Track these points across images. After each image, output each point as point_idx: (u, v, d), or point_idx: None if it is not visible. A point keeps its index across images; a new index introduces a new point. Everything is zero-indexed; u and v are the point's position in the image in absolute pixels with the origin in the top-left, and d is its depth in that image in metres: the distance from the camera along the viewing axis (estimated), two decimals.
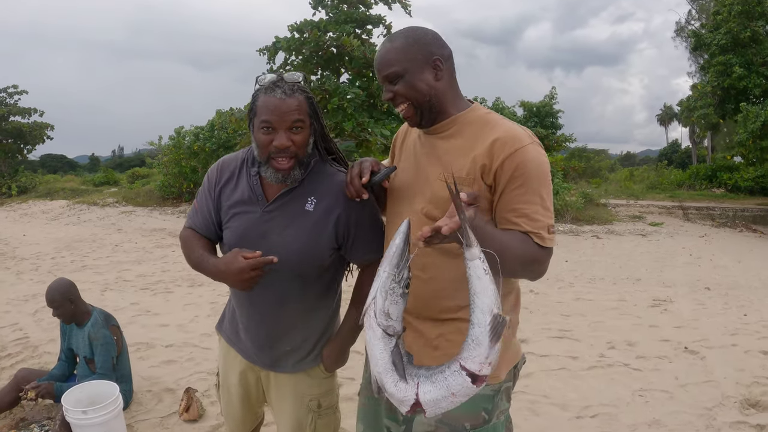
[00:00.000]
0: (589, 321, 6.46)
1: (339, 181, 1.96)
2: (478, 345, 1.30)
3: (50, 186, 25.56)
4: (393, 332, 1.40)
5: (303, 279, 1.96)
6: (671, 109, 55.17)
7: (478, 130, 1.74)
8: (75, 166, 59.09)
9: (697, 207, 18.88)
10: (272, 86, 1.83)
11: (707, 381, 4.62)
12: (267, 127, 1.80)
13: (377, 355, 1.41)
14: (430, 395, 1.37)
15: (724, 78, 19.68)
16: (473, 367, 1.32)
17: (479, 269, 1.32)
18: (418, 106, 1.76)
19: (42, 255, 11.03)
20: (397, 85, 1.75)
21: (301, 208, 1.92)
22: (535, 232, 1.62)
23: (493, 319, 1.29)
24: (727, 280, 9.16)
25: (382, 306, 1.40)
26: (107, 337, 3.92)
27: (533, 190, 1.64)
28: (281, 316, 2.01)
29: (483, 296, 1.31)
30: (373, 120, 15.70)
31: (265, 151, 1.84)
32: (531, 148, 1.67)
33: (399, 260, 1.41)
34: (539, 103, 23.73)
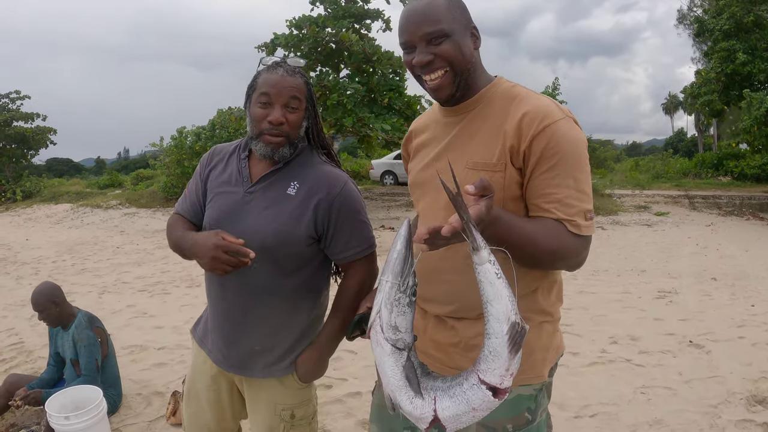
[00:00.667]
0: (592, 315, 6.34)
1: (325, 170, 1.95)
2: (497, 357, 1.19)
3: (55, 190, 25.57)
4: (403, 345, 1.29)
5: (277, 267, 1.89)
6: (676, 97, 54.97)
7: (506, 105, 1.58)
8: (81, 170, 59.43)
9: (704, 196, 18.68)
10: (275, 65, 1.88)
11: (712, 376, 4.49)
12: (264, 102, 1.83)
13: (388, 372, 1.30)
14: (449, 411, 1.26)
15: (728, 64, 19.51)
16: (493, 380, 1.21)
17: (490, 274, 1.19)
18: (458, 74, 1.57)
19: (43, 259, 11.01)
20: (442, 45, 1.53)
21: (283, 191, 1.90)
22: (569, 219, 1.46)
23: (511, 328, 1.17)
24: (734, 270, 9.01)
25: (389, 319, 1.28)
26: (91, 338, 3.89)
27: (566, 172, 1.47)
28: (252, 307, 1.92)
29: (497, 303, 1.18)
30: (374, 115, 15.62)
31: (258, 125, 1.85)
32: (563, 123, 1.50)
33: (402, 267, 1.28)
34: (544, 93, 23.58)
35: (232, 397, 2.13)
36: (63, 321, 3.96)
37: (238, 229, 1.85)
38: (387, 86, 16.13)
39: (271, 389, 2.01)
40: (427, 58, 1.55)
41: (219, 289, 1.97)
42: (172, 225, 2.03)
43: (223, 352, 2.00)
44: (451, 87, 1.59)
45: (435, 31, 1.53)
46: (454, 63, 1.55)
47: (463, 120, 1.66)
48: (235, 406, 2.15)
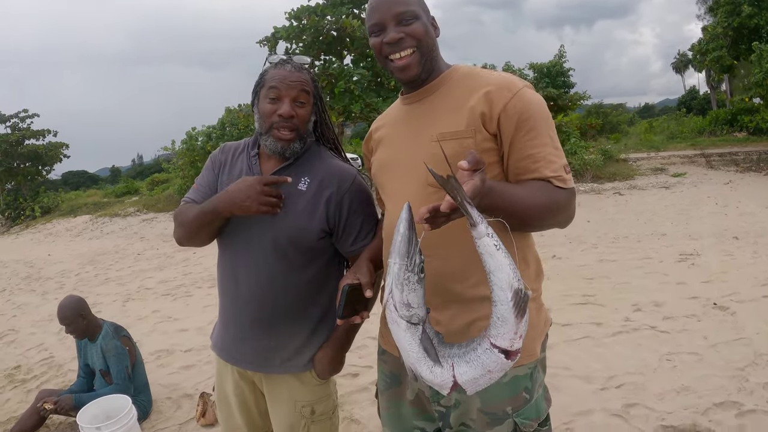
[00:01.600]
0: (614, 283, 6.31)
1: (334, 165, 1.97)
2: (505, 322, 1.25)
3: (73, 203, 25.87)
4: (418, 320, 1.34)
5: (290, 262, 1.91)
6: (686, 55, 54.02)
7: (469, 82, 1.67)
8: (97, 180, 59.94)
9: (720, 153, 18.43)
10: (282, 62, 1.92)
11: (738, 339, 4.44)
12: (274, 96, 1.85)
13: (407, 347, 1.36)
14: (467, 375, 1.33)
15: (734, 17, 19.13)
16: (504, 344, 1.28)
17: (489, 246, 1.25)
18: (424, 54, 1.67)
19: (66, 272, 11.16)
20: (412, 25, 1.64)
21: (294, 187, 1.91)
22: (555, 175, 1.55)
23: (515, 295, 1.24)
24: (755, 228, 8.90)
25: (401, 298, 1.33)
26: (118, 347, 3.96)
27: (542, 132, 1.58)
28: (266, 302, 1.94)
29: (499, 273, 1.24)
30: (382, 99, 15.55)
31: (268, 120, 1.87)
32: (527, 90, 1.61)
33: (408, 248, 1.33)
34: (549, 63, 23.37)
35: (257, 398, 2.15)
36: (90, 333, 4.03)
37: (251, 224, 1.89)
38: None
39: (289, 386, 2.03)
40: (399, 35, 1.64)
41: (233, 285, 1.98)
42: (184, 210, 2.01)
43: (239, 349, 2.02)
44: (417, 67, 1.67)
45: (406, 12, 1.64)
46: (422, 42, 1.66)
47: (425, 102, 1.73)
48: (260, 407, 2.17)
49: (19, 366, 5.65)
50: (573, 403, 3.63)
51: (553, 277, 6.66)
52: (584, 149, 17.31)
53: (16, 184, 27.56)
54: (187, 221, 1.95)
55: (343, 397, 3.97)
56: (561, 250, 7.72)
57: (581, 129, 20.48)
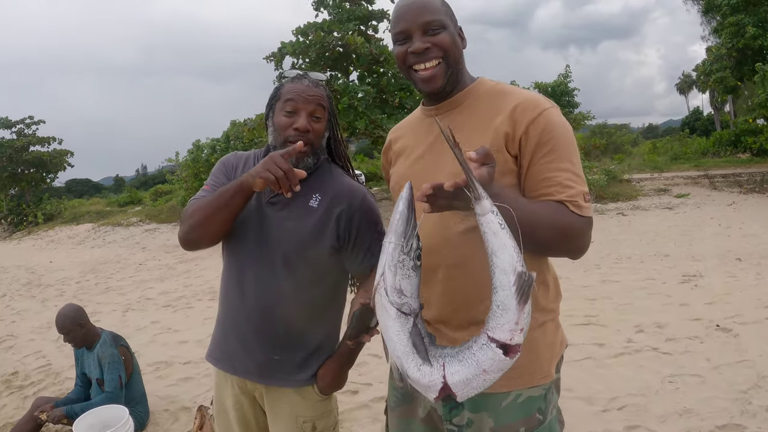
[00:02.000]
0: (616, 304, 6.28)
1: (345, 182, 1.97)
2: (505, 310, 1.16)
3: (76, 211, 25.93)
4: (409, 310, 1.26)
5: (299, 277, 1.90)
6: (690, 76, 54.18)
7: (494, 99, 1.62)
8: (100, 189, 60.16)
9: (723, 174, 18.37)
10: (299, 77, 1.92)
11: (741, 361, 4.41)
12: (291, 110, 1.84)
13: (394, 337, 1.27)
14: (458, 376, 1.22)
15: (738, 39, 19.18)
16: (503, 336, 1.17)
17: (493, 224, 1.18)
18: (450, 65, 1.61)
19: (67, 280, 11.16)
20: (439, 35, 1.58)
21: (305, 204, 1.91)
22: (571, 200, 1.47)
23: (518, 279, 1.15)
24: (758, 249, 8.86)
25: (393, 282, 1.25)
26: (114, 355, 3.95)
27: (563, 156, 1.51)
28: (272, 316, 1.92)
29: (502, 254, 1.16)
30: (386, 116, 15.60)
31: (283, 133, 1.85)
32: (553, 110, 1.56)
33: (405, 228, 1.26)
34: (554, 83, 23.44)
35: (256, 413, 2.12)
36: (88, 342, 4.02)
37: (261, 238, 1.88)
38: (397, 86, 16.10)
39: (291, 401, 2.01)
40: (425, 46, 1.59)
41: (238, 297, 1.96)
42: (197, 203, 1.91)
43: (242, 360, 2.00)
44: (443, 78, 1.62)
45: (434, 21, 1.59)
46: (449, 54, 1.60)
47: (448, 116, 1.67)
48: (260, 422, 2.14)
49: (17, 372, 5.64)
50: (575, 425, 3.59)
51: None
52: (588, 169, 17.30)
53: (20, 190, 27.69)
54: (202, 206, 1.86)
55: (343, 414, 3.94)
56: (564, 270, 7.67)
57: (585, 149, 20.49)
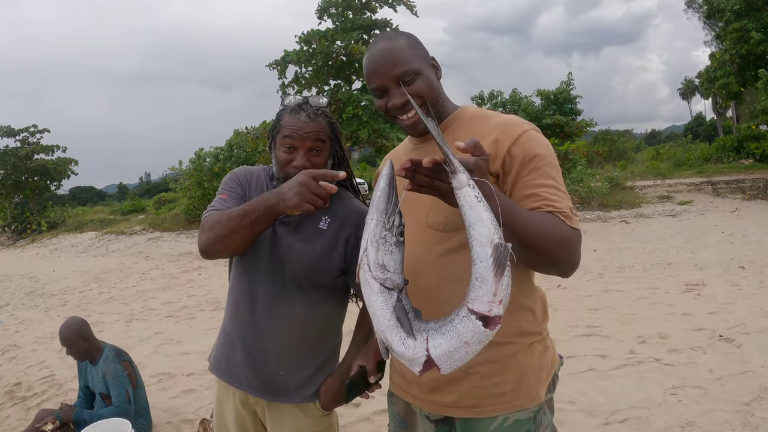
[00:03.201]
0: (619, 314, 6.26)
1: (353, 205, 2.02)
2: (483, 282, 1.17)
3: (79, 219, 25.97)
4: (392, 285, 1.28)
5: (307, 298, 1.94)
6: (692, 82, 54.17)
7: (477, 123, 1.66)
8: (104, 197, 60.31)
9: (726, 181, 18.37)
10: (297, 108, 1.89)
11: (744, 372, 4.39)
12: (289, 146, 1.86)
13: (378, 312, 1.29)
14: (441, 348, 1.23)
15: (742, 45, 19.18)
16: (482, 308, 1.18)
17: (470, 197, 1.19)
18: (432, 107, 1.63)
19: (70, 290, 11.17)
20: (415, 83, 1.60)
21: (315, 226, 1.95)
22: (560, 212, 1.48)
23: (495, 250, 1.16)
24: (761, 256, 8.83)
25: (376, 258, 1.27)
26: (119, 370, 3.95)
27: (546, 173, 1.53)
28: (281, 334, 1.96)
29: (479, 226, 1.18)
30: (389, 125, 15.63)
31: (284, 169, 1.88)
32: (533, 131, 1.60)
33: (386, 204, 1.28)
34: (556, 90, 23.45)
35: (257, 428, 2.14)
36: (91, 356, 4.02)
37: (270, 259, 1.91)
38: None
39: (293, 417, 2.03)
40: (402, 100, 1.60)
41: (247, 314, 1.99)
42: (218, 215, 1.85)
43: (246, 375, 2.02)
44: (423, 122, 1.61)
45: (406, 72, 1.60)
46: (427, 98, 1.62)
47: (431, 143, 1.72)
48: None
49: (20, 383, 5.65)
50: None
51: (560, 308, 6.62)
52: (591, 177, 17.27)
53: (24, 198, 27.73)
54: (223, 220, 1.80)
55: (345, 428, 3.94)
56: (566, 280, 7.65)
57: (588, 156, 20.44)
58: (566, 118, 22.25)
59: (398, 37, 1.65)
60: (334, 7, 17.05)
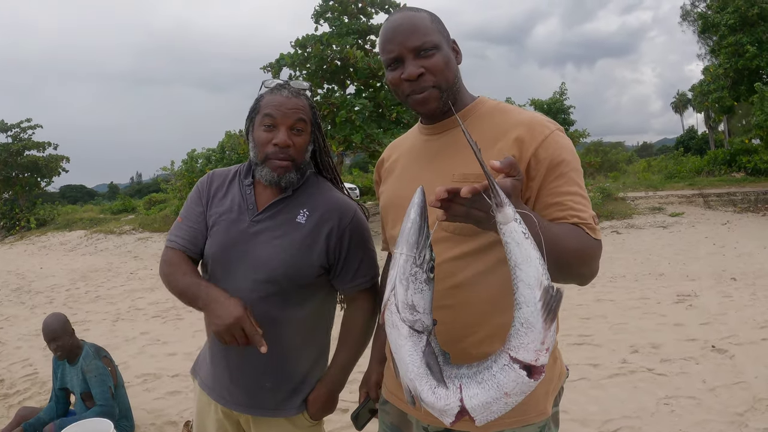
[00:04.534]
0: (611, 323, 6.22)
1: (334, 197, 1.90)
2: (530, 328, 1.06)
3: (69, 217, 25.74)
4: (422, 327, 1.17)
5: (286, 299, 1.81)
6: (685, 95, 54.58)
7: (496, 119, 1.54)
8: (94, 195, 59.98)
9: (718, 193, 18.41)
10: (278, 87, 1.82)
11: (737, 383, 4.36)
12: (269, 124, 1.76)
13: (406, 358, 1.17)
14: (477, 399, 1.12)
15: (737, 59, 19.27)
16: (527, 357, 1.07)
17: (517, 233, 1.07)
18: (445, 89, 1.52)
19: (57, 287, 11.05)
20: (434, 58, 1.49)
21: (292, 220, 1.83)
22: (585, 223, 1.42)
23: (544, 293, 1.05)
24: (753, 268, 8.84)
25: (405, 297, 1.16)
26: (100, 367, 3.84)
27: (572, 179, 1.45)
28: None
29: (526, 266, 1.06)
30: (382, 130, 15.59)
31: (263, 149, 1.78)
32: (559, 133, 1.50)
33: (417, 237, 1.17)
34: (550, 100, 23.50)
35: None
36: (72, 353, 3.90)
37: (246, 259, 1.79)
38: (394, 101, 16.07)
39: (280, 429, 1.93)
40: (418, 71, 1.49)
41: None
42: (174, 264, 1.84)
43: (229, 389, 1.91)
44: (438, 100, 1.53)
45: (425, 43, 1.49)
46: (443, 76, 1.51)
47: (445, 135, 1.61)
48: None
49: (3, 380, 5.56)
50: None
51: None
52: None
53: (13, 194, 27.47)
54: (174, 286, 1.82)
55: None
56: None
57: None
58: None
59: (421, 11, 1.55)
60: (331, 12, 17.06)
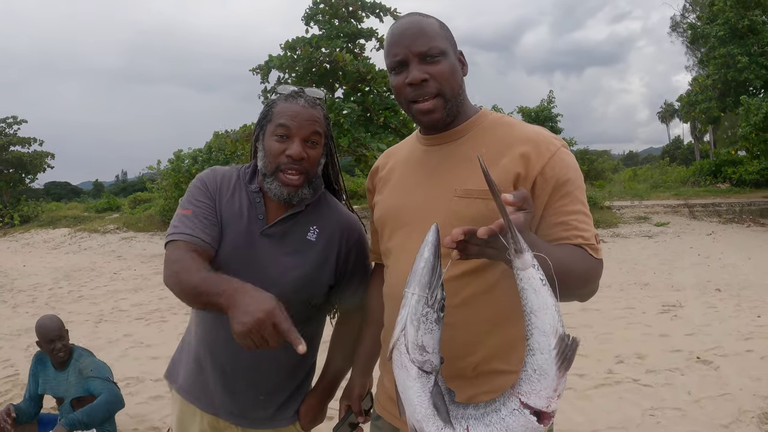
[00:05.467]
0: (596, 333, 6.23)
1: (343, 214, 1.88)
2: (543, 376, 1.05)
3: (53, 214, 25.50)
4: (431, 368, 1.15)
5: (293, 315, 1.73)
6: (672, 105, 55.06)
7: (499, 133, 1.52)
8: (79, 193, 59.44)
9: (703, 204, 18.57)
10: (294, 95, 1.73)
11: (722, 394, 4.39)
12: (283, 134, 1.67)
13: (414, 399, 1.16)
14: None
15: (726, 70, 19.44)
16: (539, 403, 1.06)
17: (535, 280, 1.06)
18: (449, 98, 1.49)
19: (40, 286, 10.93)
20: (438, 64, 1.46)
21: (303, 237, 1.78)
22: (588, 243, 1.42)
23: (560, 342, 1.04)
24: (737, 279, 8.92)
25: (415, 338, 1.14)
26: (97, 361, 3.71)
27: (576, 198, 1.46)
28: (262, 358, 1.75)
29: (542, 314, 1.05)
30: (370, 135, 15.57)
31: (275, 160, 1.68)
32: (565, 150, 1.49)
33: (430, 278, 1.14)
34: (537, 108, 23.59)
35: None
36: (65, 358, 3.71)
37: (254, 274, 1.66)
38: (382, 105, 16.08)
39: None
40: (423, 76, 1.46)
41: (224, 340, 1.75)
42: (184, 260, 1.59)
43: (223, 401, 1.86)
44: (442, 111, 1.50)
45: (432, 48, 1.47)
46: (447, 84, 1.48)
47: (447, 147, 1.58)
48: None
49: None
50: None
51: None
52: None
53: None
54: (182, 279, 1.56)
55: None
56: None
57: None
58: None
59: (429, 17, 1.53)
60: (321, 15, 17.04)
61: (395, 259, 1.62)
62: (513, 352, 1.47)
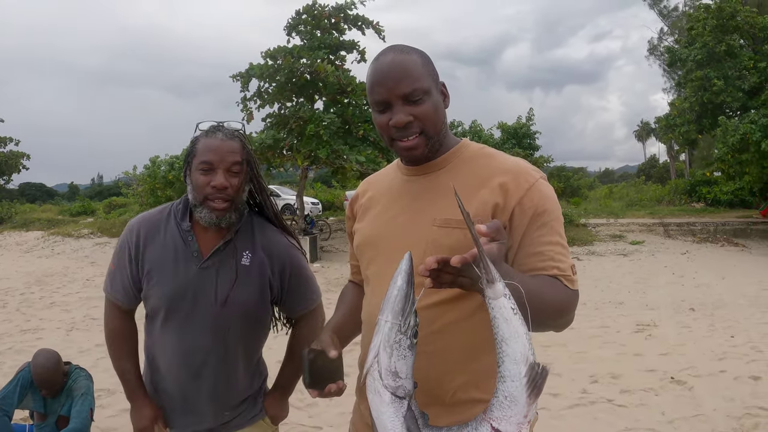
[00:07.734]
0: (571, 352, 6.26)
1: (271, 236, 1.99)
2: (514, 402, 1.06)
3: (27, 216, 25.16)
4: (404, 393, 1.16)
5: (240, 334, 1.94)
6: (648, 124, 55.91)
7: (479, 164, 1.53)
8: (54, 195, 58.65)
9: (678, 223, 18.86)
10: (213, 130, 1.87)
11: (696, 415, 4.42)
12: (206, 168, 1.80)
13: (388, 425, 1.16)
14: None
15: (703, 93, 19.74)
16: (510, 429, 1.07)
17: (506, 309, 1.07)
18: (431, 136, 1.49)
19: (11, 291, 10.73)
20: (423, 105, 1.45)
21: (238, 263, 1.91)
22: (564, 275, 1.42)
23: (530, 370, 1.05)
24: (711, 299, 9.05)
25: (388, 364, 1.15)
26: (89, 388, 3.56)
27: (553, 229, 1.45)
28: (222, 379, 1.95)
29: (513, 342, 1.06)
30: (348, 147, 15.56)
31: (202, 192, 1.82)
32: (543, 183, 1.49)
33: (403, 305, 1.16)
34: (516, 125, 23.77)
35: None
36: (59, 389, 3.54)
37: (201, 306, 1.86)
38: (362, 118, 16.05)
39: None
40: (407, 119, 1.45)
41: (185, 372, 1.92)
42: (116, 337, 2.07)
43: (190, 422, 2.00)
44: (424, 148, 1.50)
45: (416, 90, 1.44)
46: (431, 123, 1.48)
47: (428, 177, 1.58)
48: None
49: None
50: None
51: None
52: None
53: None
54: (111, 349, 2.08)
55: None
56: None
57: None
58: (525, 152, 22.54)
59: (412, 52, 1.50)
60: (303, 25, 17.01)
61: (373, 286, 1.62)
62: (490, 380, 1.44)
